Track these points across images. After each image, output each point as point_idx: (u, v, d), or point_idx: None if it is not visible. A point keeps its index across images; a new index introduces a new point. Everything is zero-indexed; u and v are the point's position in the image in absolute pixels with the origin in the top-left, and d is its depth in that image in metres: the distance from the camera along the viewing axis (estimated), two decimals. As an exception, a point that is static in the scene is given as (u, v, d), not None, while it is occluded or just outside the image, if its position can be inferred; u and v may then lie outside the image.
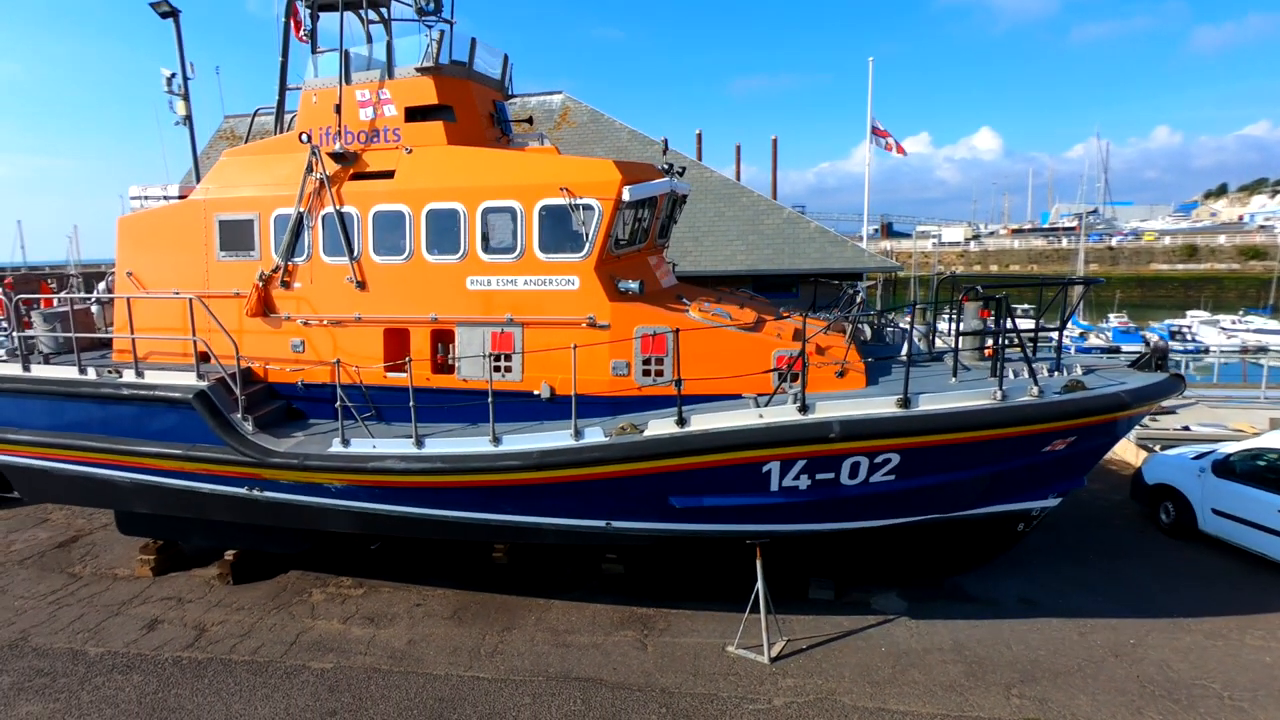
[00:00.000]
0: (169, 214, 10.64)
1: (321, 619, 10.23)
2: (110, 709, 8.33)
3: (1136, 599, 10.07)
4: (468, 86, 9.98)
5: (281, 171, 10.00)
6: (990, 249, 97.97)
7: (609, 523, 8.84)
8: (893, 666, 8.74)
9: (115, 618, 10.39)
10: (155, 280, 10.62)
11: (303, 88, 10.12)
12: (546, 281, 9.09)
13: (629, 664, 8.94)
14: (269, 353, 10.20)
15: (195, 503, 10.13)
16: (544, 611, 10.26)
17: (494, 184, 9.16)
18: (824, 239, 21.10)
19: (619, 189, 8.78)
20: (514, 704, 8.25)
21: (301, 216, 9.82)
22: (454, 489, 8.78)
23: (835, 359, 8.66)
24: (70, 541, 13.06)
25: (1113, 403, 7.96)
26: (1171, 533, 11.77)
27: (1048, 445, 8.35)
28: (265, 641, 9.67)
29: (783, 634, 9.39)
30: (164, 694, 8.59)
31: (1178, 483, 11.65)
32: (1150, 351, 8.89)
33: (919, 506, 8.74)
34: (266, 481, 9.47)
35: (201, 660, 9.28)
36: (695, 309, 9.04)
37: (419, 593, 10.89)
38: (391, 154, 9.73)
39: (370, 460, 8.77)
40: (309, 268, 9.96)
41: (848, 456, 8.03)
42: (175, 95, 12.55)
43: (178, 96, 12.55)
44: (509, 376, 9.28)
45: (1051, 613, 9.81)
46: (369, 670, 8.96)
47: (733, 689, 8.41)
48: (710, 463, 8.11)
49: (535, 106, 26.42)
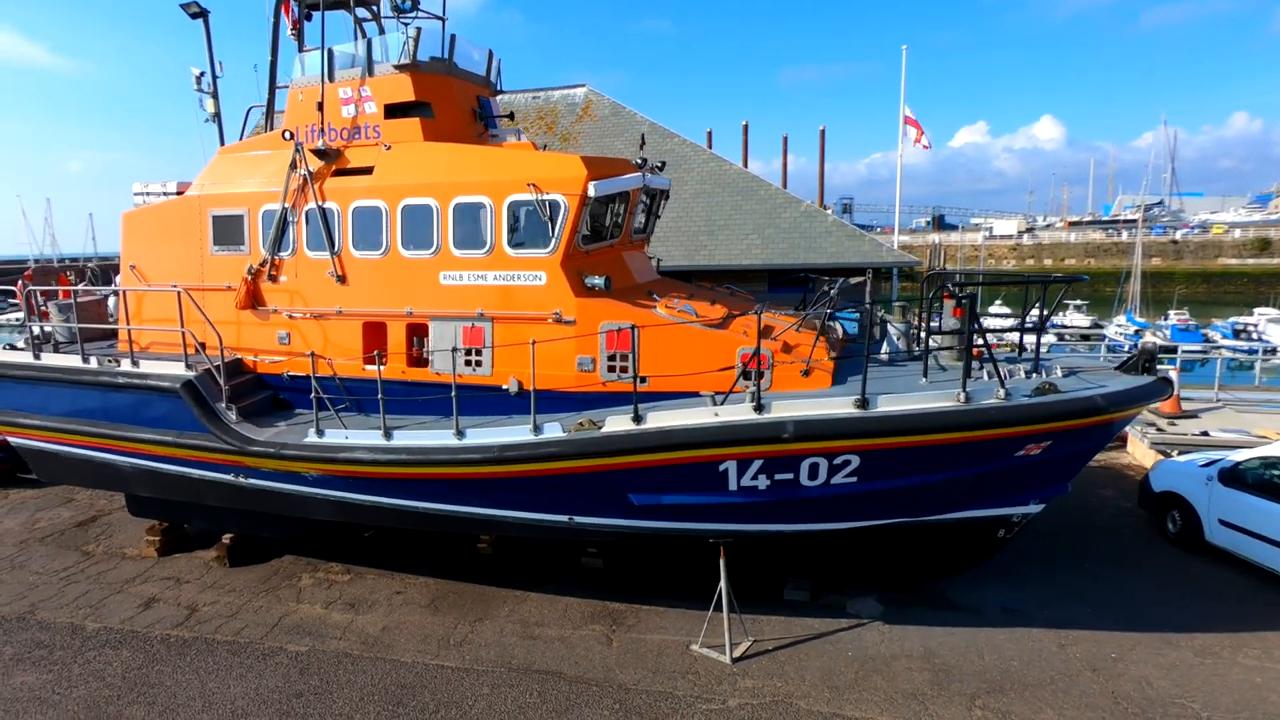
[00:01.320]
0: (168, 209, 11.06)
1: (305, 603, 10.55)
2: (97, 682, 8.76)
3: (1128, 611, 9.64)
4: (447, 83, 10.09)
5: (269, 168, 10.29)
6: (1045, 242, 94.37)
7: (571, 518, 8.88)
8: (856, 671, 8.57)
9: (117, 595, 10.91)
10: (156, 273, 11.07)
11: (290, 85, 10.38)
12: (515, 277, 9.15)
13: (591, 659, 8.98)
14: (258, 344, 10.54)
15: (190, 488, 10.55)
16: (519, 603, 10.37)
17: (465, 180, 9.25)
18: (841, 233, 20.67)
19: (584, 185, 8.76)
20: (472, 693, 8.37)
21: (286, 212, 10.09)
22: (420, 480, 8.94)
23: (802, 357, 8.50)
24: (89, 521, 13.75)
25: (1085, 407, 7.62)
26: (1178, 543, 11.22)
27: (1020, 449, 8.04)
28: (249, 623, 10.03)
29: (748, 634, 9.30)
30: (147, 670, 8.99)
31: (1185, 491, 11.09)
32: (1138, 353, 8.46)
33: (886, 510, 8.54)
34: (250, 469, 9.80)
35: (188, 639, 9.67)
36: (663, 305, 8.98)
37: (402, 580, 11.13)
38: (371, 150, 9.91)
39: (341, 451, 8.99)
40: (294, 262, 10.23)
41: (805, 457, 7.89)
42: (204, 93, 13.01)
43: (207, 94, 13.01)
44: (479, 371, 9.38)
45: (1034, 623, 9.47)
46: (340, 655, 9.20)
47: (690, 688, 8.37)
48: (666, 460, 8.06)
49: (559, 100, 26.56)
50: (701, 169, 23.17)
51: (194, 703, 8.34)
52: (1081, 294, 69.59)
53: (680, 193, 22.71)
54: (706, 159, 23.43)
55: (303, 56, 10.37)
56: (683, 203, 22.37)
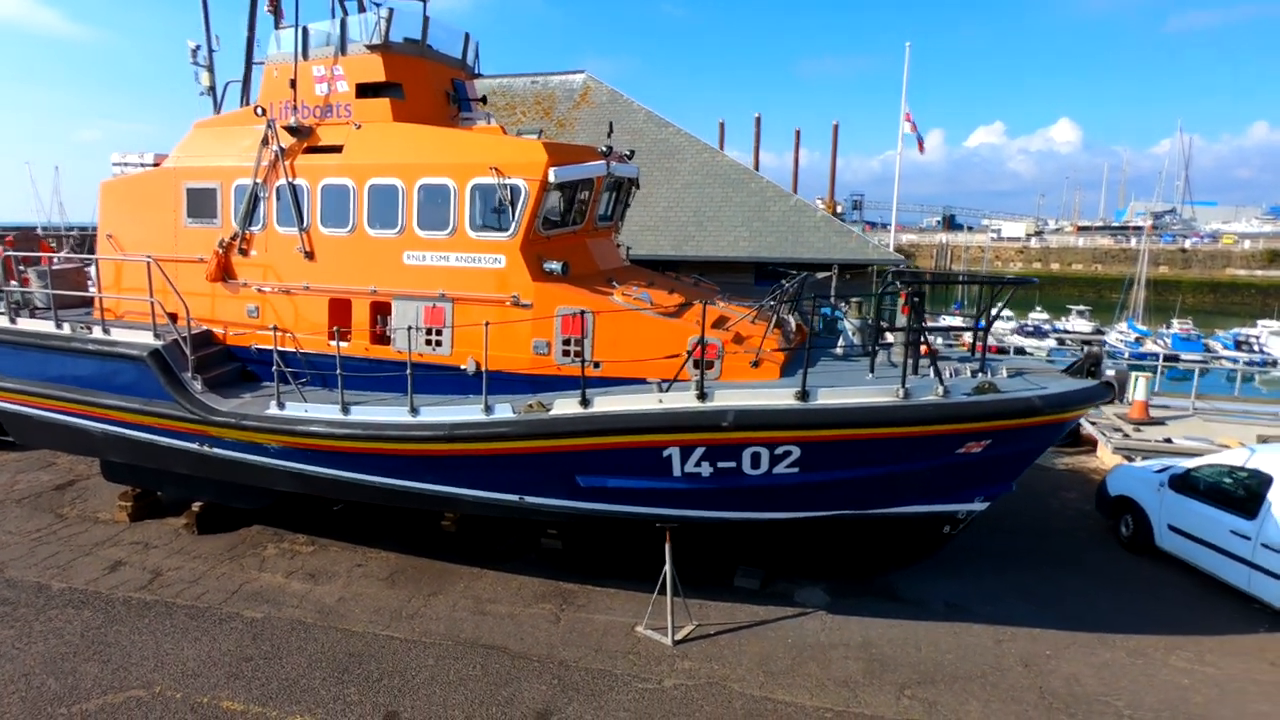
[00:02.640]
0: (144, 180, 11.23)
1: (267, 572, 10.78)
2: (55, 640, 9.01)
3: (1071, 611, 9.77)
4: (419, 64, 10.19)
5: (243, 143, 10.43)
6: (1052, 246, 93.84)
7: (521, 498, 9.06)
8: (793, 658, 8.74)
9: (85, 557, 11.16)
10: (131, 243, 11.24)
11: (265, 61, 10.51)
12: (476, 259, 9.28)
13: (537, 635, 9.18)
14: (228, 317, 10.72)
15: (157, 455, 10.77)
16: (474, 580, 10.57)
17: (431, 161, 9.37)
18: (829, 228, 20.72)
19: (545, 170, 8.88)
20: (417, 664, 8.59)
21: (258, 187, 10.24)
22: (374, 455, 9.12)
23: (753, 348, 8.62)
24: (67, 485, 14.01)
25: (1022, 407, 7.73)
26: (1130, 547, 11.33)
27: (961, 447, 8.16)
28: (210, 589, 10.27)
29: (693, 619, 9.48)
30: (106, 630, 9.24)
31: (1138, 496, 11.18)
32: (1083, 357, 8.55)
33: (829, 501, 8.68)
34: (213, 439, 10.00)
35: (149, 601, 9.92)
36: (619, 292, 9.11)
37: (363, 554, 11.35)
38: (342, 129, 10.04)
39: (298, 424, 9.18)
40: (264, 237, 10.39)
41: (746, 446, 8.02)
42: (200, 66, 13.14)
43: (203, 68, 13.14)
44: (439, 351, 9.54)
45: (976, 618, 9.62)
46: (294, 623, 9.43)
47: (628, 667, 8.56)
48: (611, 444, 8.22)
49: (557, 85, 26.61)
50: (694, 160, 23.22)
51: (147, 662, 8.58)
52: (1087, 299, 69.38)
53: (671, 183, 22.81)
54: (699, 150, 23.48)
55: (278, 33, 10.49)
56: (674, 193, 22.47)
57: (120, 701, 7.91)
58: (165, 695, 8.01)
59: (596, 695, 8.06)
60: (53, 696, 7.95)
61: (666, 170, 23.03)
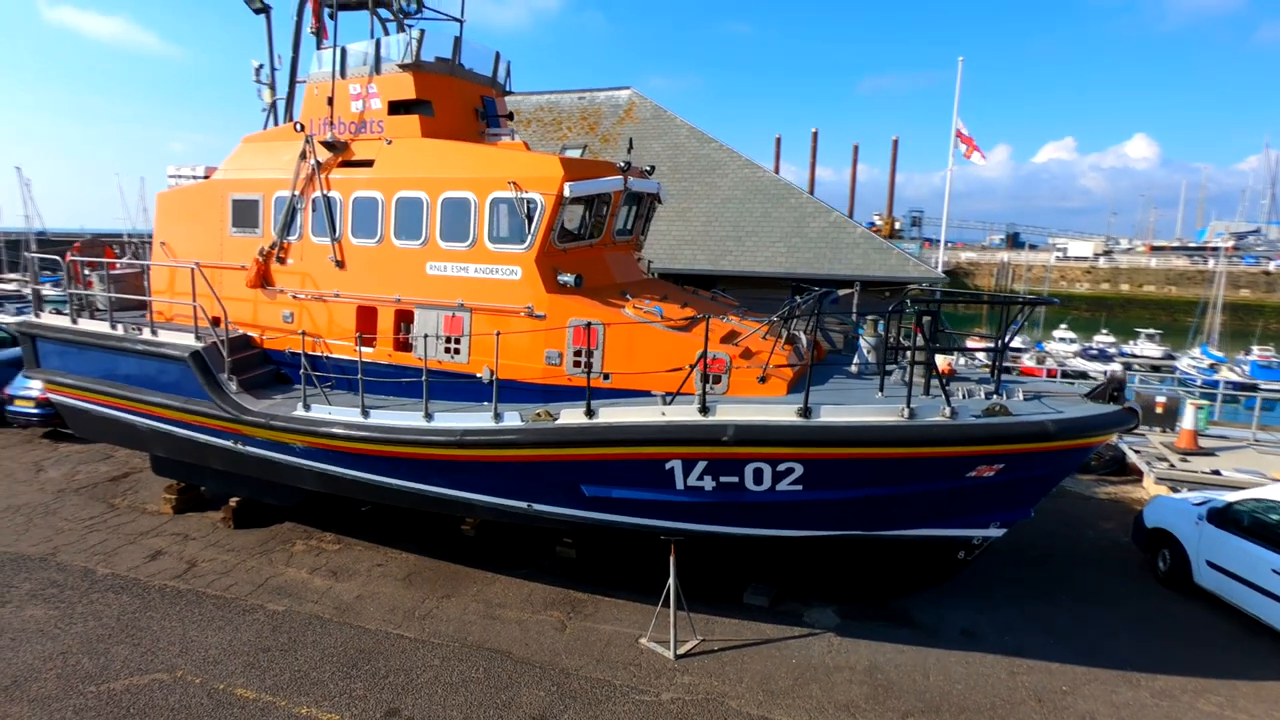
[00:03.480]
0: (195, 192, 11.92)
1: (293, 567, 11.21)
2: (94, 621, 9.57)
3: (1095, 646, 9.36)
4: (448, 82, 10.57)
5: (284, 157, 10.98)
6: (1122, 266, 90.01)
7: (530, 505, 9.22)
8: (795, 679, 8.62)
9: (130, 545, 11.82)
10: (183, 250, 11.93)
11: (306, 81, 11.06)
12: (494, 270, 9.54)
13: (542, 642, 9.29)
14: (266, 321, 11.25)
15: (197, 451, 11.35)
16: (487, 584, 10.77)
17: (454, 176, 9.69)
18: (868, 245, 20.42)
19: (560, 185, 9.08)
20: (422, 663, 8.80)
21: (295, 199, 10.76)
22: (390, 458, 9.42)
23: (760, 363, 8.59)
24: (121, 477, 14.86)
25: (1033, 430, 7.50)
26: (1167, 583, 10.77)
27: (971, 470, 7.96)
28: (239, 581, 10.74)
29: (698, 633, 9.45)
30: (140, 615, 9.76)
31: (1175, 529, 10.64)
32: (1105, 382, 8.23)
33: (836, 521, 8.56)
34: (246, 437, 10.50)
35: (182, 590, 10.43)
36: (630, 305, 9.22)
37: (385, 554, 11.69)
38: (374, 144, 10.47)
39: (321, 425, 9.56)
40: (300, 246, 10.90)
41: (748, 461, 8.00)
42: (263, 84, 13.96)
43: (265, 85, 13.96)
44: (458, 358, 9.81)
45: (992, 648, 9.30)
46: (312, 618, 9.78)
47: (628, 678, 8.59)
48: (614, 455, 8.30)
49: (603, 101, 27.02)
50: (735, 175, 23.23)
51: (173, 647, 9.03)
52: (1159, 323, 66.15)
53: (711, 198, 22.85)
54: (740, 165, 23.48)
55: (320, 54, 11.04)
56: (713, 208, 22.50)
57: (144, 684, 8.34)
58: (185, 680, 8.41)
59: (593, 704, 8.11)
60: (85, 675, 8.44)
61: (707, 185, 23.11)
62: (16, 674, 8.43)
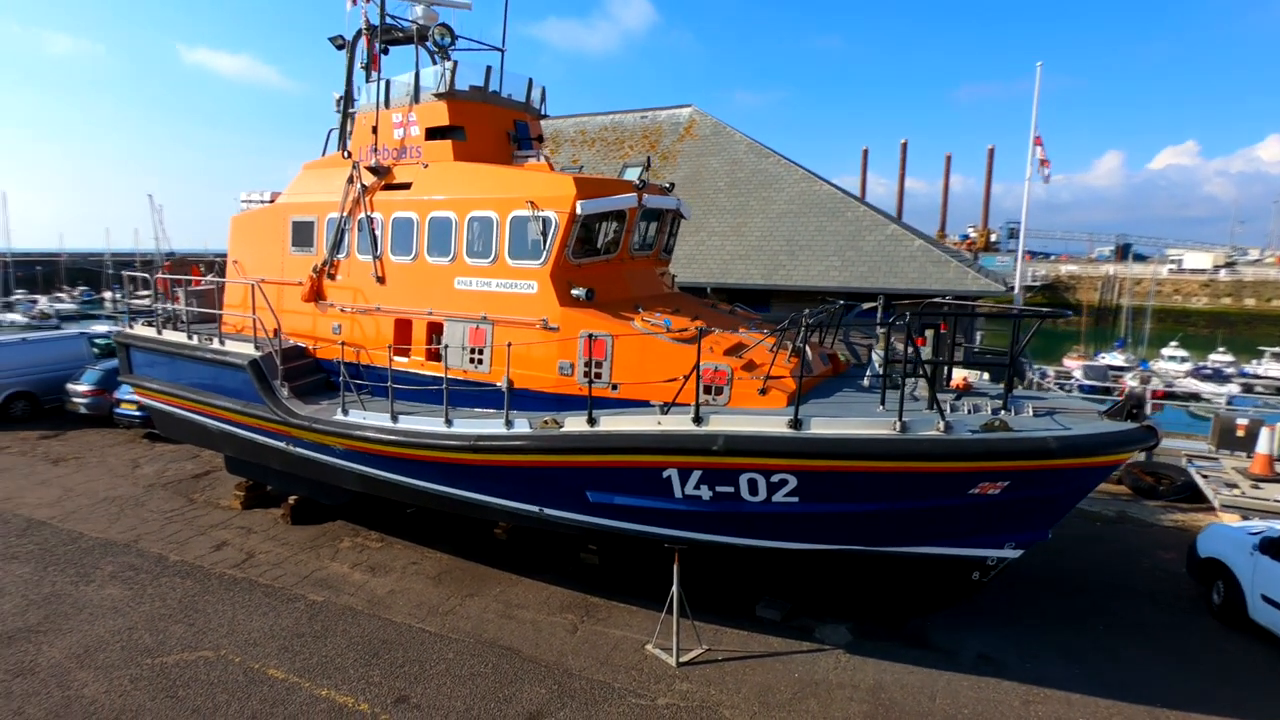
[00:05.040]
0: (262, 215, 13.07)
1: (337, 562, 12.02)
2: (159, 602, 10.61)
3: (1125, 681, 8.84)
4: (480, 109, 11.23)
5: (336, 182, 11.92)
6: (1247, 279, 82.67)
7: (542, 509, 9.59)
8: (794, 693, 8.59)
9: (200, 536, 12.99)
10: (252, 267, 13.10)
11: (356, 111, 11.99)
12: (513, 285, 10.04)
13: (551, 643, 9.63)
14: (319, 333, 12.19)
15: (256, 451, 12.39)
16: (510, 586, 11.22)
17: (479, 196, 10.29)
18: (925, 258, 19.87)
19: (573, 203, 9.50)
20: (437, 655, 9.31)
21: (343, 220, 11.66)
22: (416, 461, 10.03)
23: (773, 375, 8.66)
24: (204, 475, 16.29)
25: (1033, 447, 7.25)
26: (1220, 617, 10.01)
27: (974, 487, 7.76)
28: (288, 572, 11.63)
29: (704, 643, 9.54)
30: (199, 598, 10.75)
31: (1229, 559, 9.88)
32: (1124, 399, 7.83)
33: (835, 535, 8.50)
34: (294, 439, 11.40)
35: (238, 578, 11.40)
36: (639, 319, 9.49)
37: (421, 553, 12.36)
38: (413, 168, 11.24)
39: (355, 428, 10.29)
40: (348, 263, 11.78)
41: (742, 471, 8.09)
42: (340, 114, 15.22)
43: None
44: (481, 368, 10.35)
45: (1008, 675, 8.95)
46: (345, 609, 10.49)
47: (628, 682, 8.80)
48: (614, 463, 8.57)
49: (664, 120, 27.50)
50: (792, 189, 23.13)
51: (221, 628, 9.91)
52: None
53: (767, 212, 22.84)
54: (798, 179, 23.37)
55: (368, 86, 11.95)
56: (768, 222, 22.48)
57: (192, 659, 9.20)
58: (227, 658, 9.22)
59: (590, 705, 8.36)
60: (144, 649, 9.40)
61: (763, 200, 23.12)
62: (89, 644, 9.48)
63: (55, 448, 18.24)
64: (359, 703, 8.36)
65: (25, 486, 15.26)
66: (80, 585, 11.03)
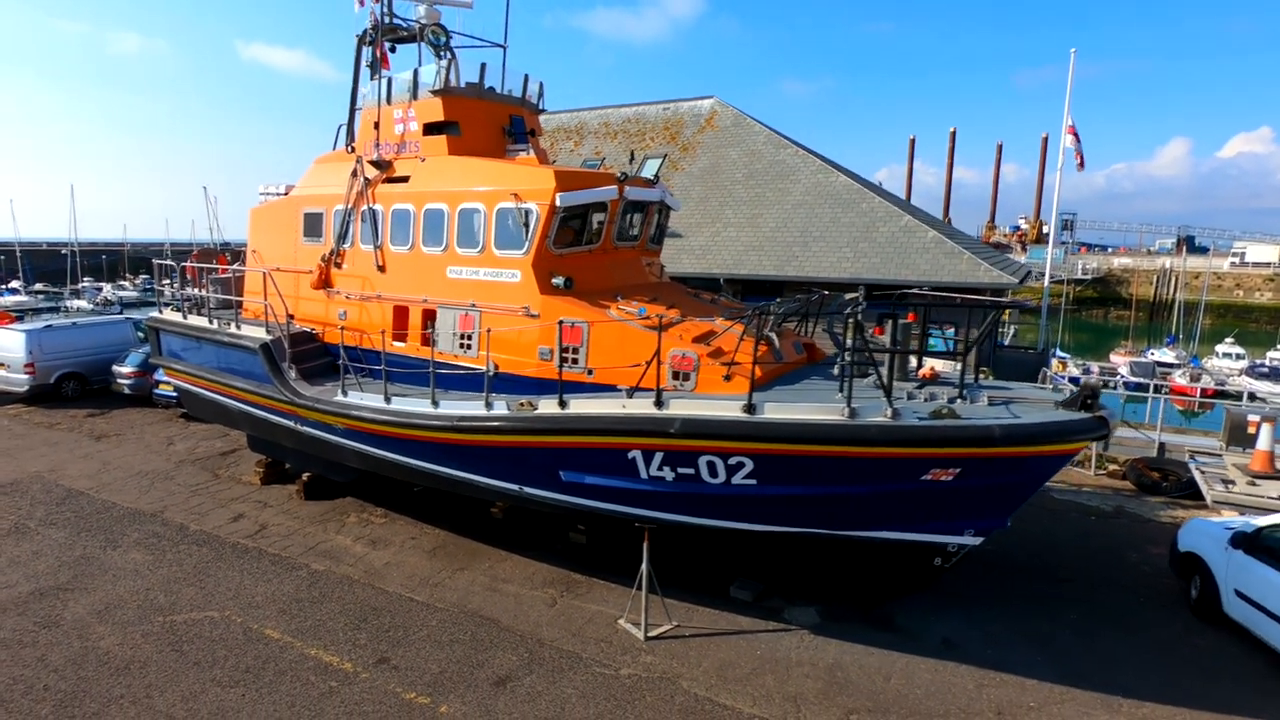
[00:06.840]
0: (278, 206, 13.82)
1: (342, 535, 12.73)
2: (176, 567, 11.45)
3: (1083, 668, 8.91)
4: (475, 104, 11.70)
5: (342, 175, 12.55)
6: (1316, 273, 78.66)
7: (521, 487, 10.07)
8: (753, 668, 8.90)
9: (220, 508, 13.86)
10: (268, 256, 13.87)
11: (361, 107, 12.59)
12: (498, 274, 10.50)
13: (529, 615, 10.11)
14: (327, 319, 12.87)
15: (269, 429, 13.17)
16: (499, 562, 11.75)
17: (469, 189, 10.76)
18: (938, 250, 19.73)
19: (553, 195, 9.90)
20: (421, 623, 9.88)
21: (348, 211, 12.28)
22: (406, 439, 10.60)
23: (735, 362, 8.94)
24: (230, 452, 17.26)
25: (976, 434, 7.40)
26: (1197, 612, 9.94)
27: (925, 473, 7.94)
28: (295, 543, 12.37)
29: (674, 619, 9.91)
30: (212, 565, 11.56)
31: (1205, 554, 9.79)
32: (1080, 390, 7.89)
33: (794, 517, 8.76)
34: (301, 418, 12.11)
35: (250, 548, 12.19)
36: (615, 307, 9.86)
37: (420, 529, 12.99)
38: (411, 162, 11.78)
39: (352, 409, 10.92)
40: (352, 253, 12.42)
41: (700, 454, 8.41)
42: None
43: None
44: (469, 353, 10.86)
45: (969, 660, 9.09)
46: (343, 578, 11.16)
47: (596, 653, 9.22)
48: (582, 443, 8.98)
49: (685, 111, 27.70)
50: (809, 180, 23.14)
51: (228, 592, 10.67)
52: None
53: (782, 203, 22.90)
54: (815, 170, 23.35)
55: (373, 83, 12.53)
56: (783, 213, 22.55)
57: (198, 619, 9.96)
58: (229, 619, 9.95)
59: (556, 673, 8.81)
60: (157, 608, 10.20)
61: (779, 191, 23.18)
62: (110, 601, 10.33)
63: (99, 425, 19.52)
64: (343, 662, 8.98)
65: (69, 460, 16.44)
66: (108, 550, 11.94)
